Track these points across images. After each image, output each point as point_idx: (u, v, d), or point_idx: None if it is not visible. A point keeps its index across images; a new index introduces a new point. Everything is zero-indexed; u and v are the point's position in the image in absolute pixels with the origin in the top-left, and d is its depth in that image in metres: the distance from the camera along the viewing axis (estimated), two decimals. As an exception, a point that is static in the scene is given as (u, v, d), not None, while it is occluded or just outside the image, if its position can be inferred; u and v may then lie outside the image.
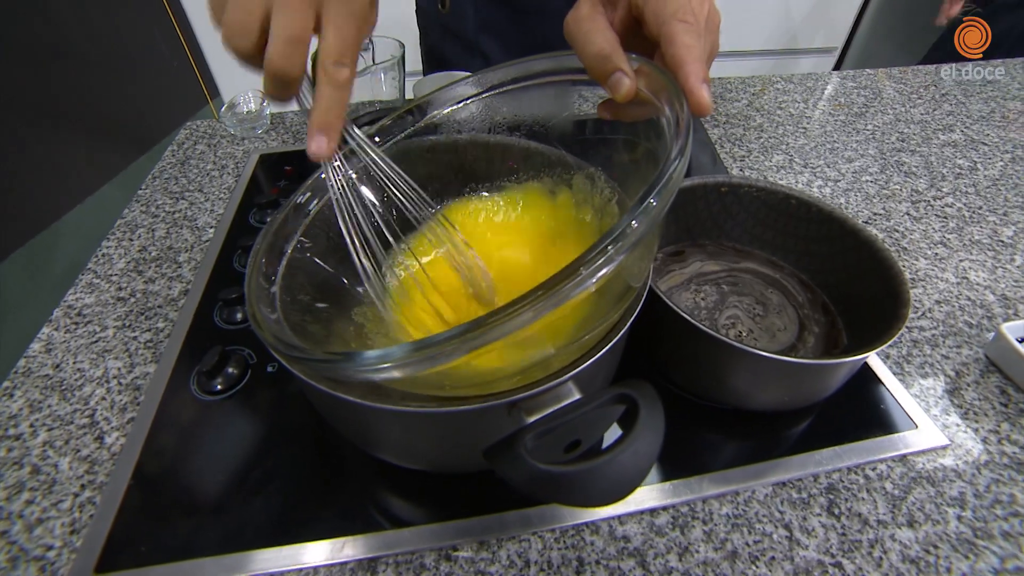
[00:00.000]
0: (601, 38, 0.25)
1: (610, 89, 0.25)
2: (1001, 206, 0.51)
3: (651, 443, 0.19)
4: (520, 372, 0.22)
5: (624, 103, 0.25)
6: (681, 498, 0.28)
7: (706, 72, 0.23)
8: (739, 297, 0.37)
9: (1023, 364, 0.33)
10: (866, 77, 0.75)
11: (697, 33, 0.22)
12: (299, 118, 0.64)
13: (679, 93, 0.22)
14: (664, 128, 0.23)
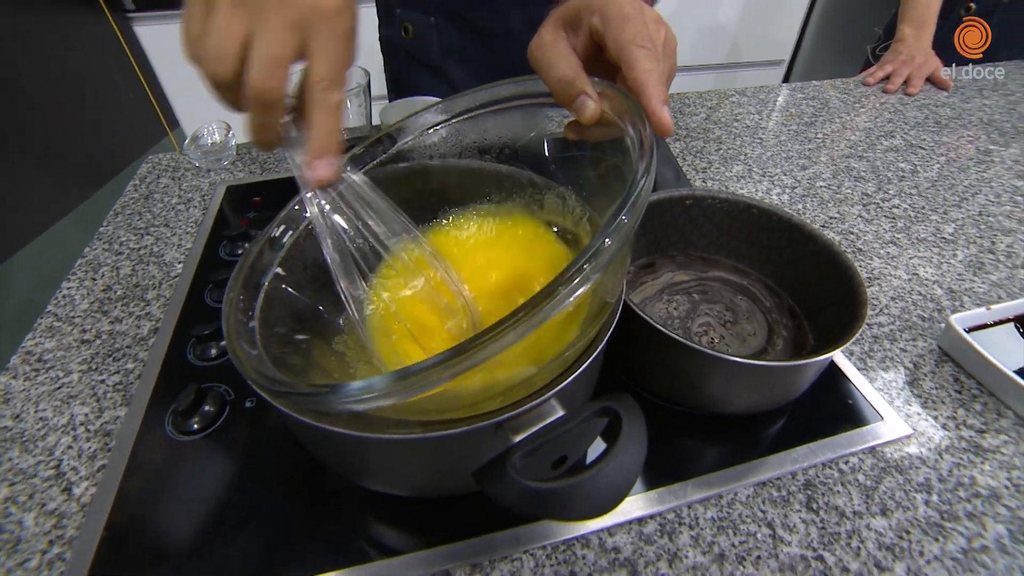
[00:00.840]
0: (564, 64, 0.26)
1: (575, 112, 0.26)
2: (941, 205, 0.54)
3: (635, 455, 0.19)
4: (504, 393, 0.23)
5: (589, 125, 0.26)
6: (667, 505, 0.29)
7: (666, 94, 0.24)
8: (709, 305, 0.39)
9: (972, 353, 0.35)
10: (813, 88, 0.79)
11: (656, 57, 0.24)
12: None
13: (642, 115, 0.23)
14: (629, 147, 0.24)
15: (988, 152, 0.64)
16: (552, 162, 0.34)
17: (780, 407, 0.33)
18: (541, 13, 0.30)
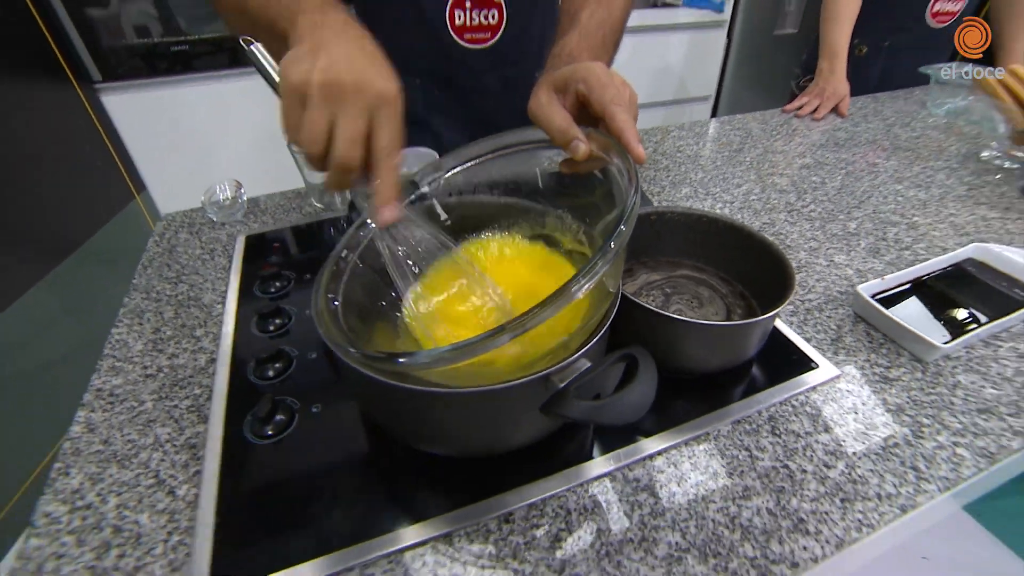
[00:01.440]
0: (559, 117, 0.36)
1: (571, 152, 0.36)
2: (845, 207, 0.67)
3: (651, 381, 0.28)
4: (548, 356, 0.31)
5: (581, 161, 0.36)
6: (669, 443, 0.37)
7: (638, 134, 0.34)
8: (679, 296, 0.48)
9: (874, 312, 0.46)
10: (738, 120, 0.94)
11: (628, 111, 0.34)
12: (272, 202, 0.71)
13: (624, 152, 0.33)
14: (615, 174, 0.33)
15: (875, 165, 0.79)
16: (548, 191, 0.44)
17: (743, 363, 0.43)
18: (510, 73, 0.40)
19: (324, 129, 0.30)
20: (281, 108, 0.31)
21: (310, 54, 0.30)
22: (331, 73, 0.29)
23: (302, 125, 0.30)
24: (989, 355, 0.45)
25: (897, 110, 1.03)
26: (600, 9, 0.45)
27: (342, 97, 0.30)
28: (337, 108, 0.30)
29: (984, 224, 0.65)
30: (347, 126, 0.30)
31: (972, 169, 0.78)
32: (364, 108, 0.30)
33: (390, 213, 0.31)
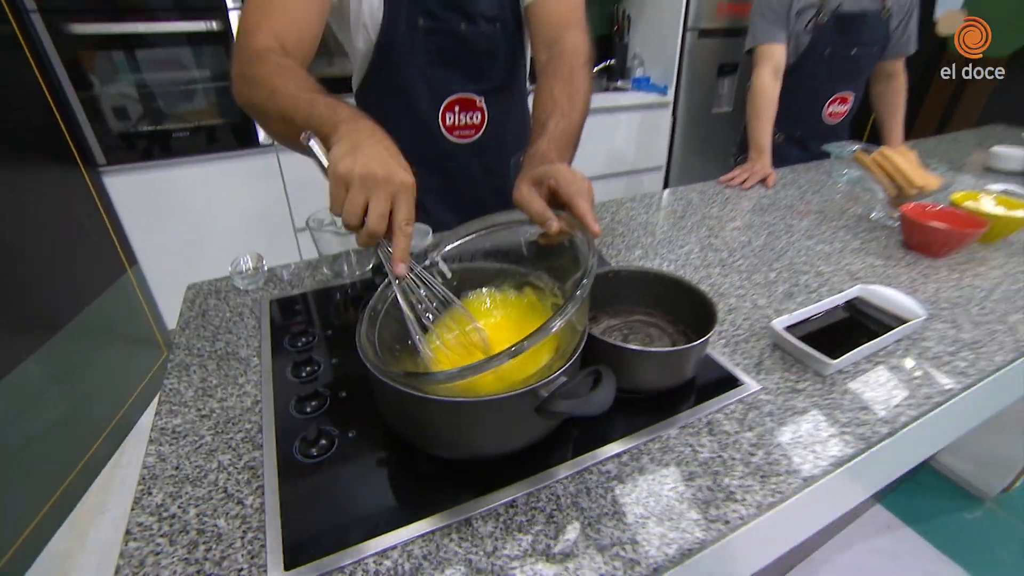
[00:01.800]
0: (538, 204, 0.49)
1: (546, 228, 0.49)
2: (767, 261, 0.83)
3: (612, 386, 0.40)
4: (536, 374, 0.42)
5: (553, 235, 0.49)
6: (631, 445, 0.48)
7: (594, 215, 0.48)
8: (634, 335, 0.61)
9: (785, 340, 0.60)
10: (681, 191, 1.12)
11: (588, 200, 0.48)
12: (288, 271, 0.82)
13: (585, 229, 0.46)
14: (579, 244, 0.47)
15: (791, 225, 0.97)
16: (529, 258, 0.57)
17: (685, 383, 0.55)
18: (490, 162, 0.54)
19: (361, 207, 0.42)
20: (330, 190, 0.43)
21: (351, 152, 0.43)
22: (367, 168, 0.42)
23: (345, 204, 0.42)
24: (869, 368, 0.59)
25: (810, 179, 1.23)
26: (563, 119, 0.61)
27: (375, 185, 0.42)
28: (371, 193, 0.42)
29: (871, 270, 0.81)
30: (377, 206, 0.42)
31: (865, 227, 0.97)
32: (390, 193, 0.43)
33: (400, 268, 0.43)
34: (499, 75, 0.79)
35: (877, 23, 1.29)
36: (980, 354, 0.62)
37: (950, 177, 1.25)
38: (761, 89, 1.28)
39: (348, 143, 0.43)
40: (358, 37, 0.75)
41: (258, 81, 0.56)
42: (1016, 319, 0.69)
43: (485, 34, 0.74)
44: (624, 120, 2.33)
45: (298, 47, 0.63)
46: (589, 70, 0.68)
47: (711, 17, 2.44)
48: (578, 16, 0.71)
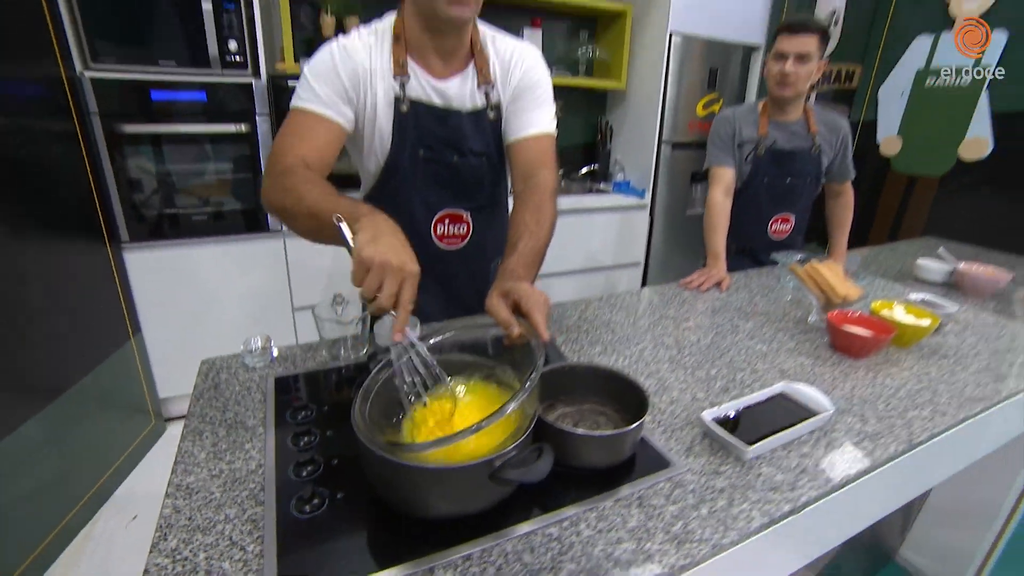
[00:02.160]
0: (504, 312, 0.63)
1: (509, 332, 0.63)
2: (711, 358, 0.96)
3: (550, 459, 0.51)
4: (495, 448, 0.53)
5: (515, 338, 0.62)
6: (572, 513, 0.58)
7: (546, 326, 0.61)
8: (584, 422, 0.72)
9: (712, 429, 0.71)
10: (644, 292, 1.27)
11: (542, 313, 0.62)
12: (292, 352, 0.94)
13: (538, 336, 0.60)
14: (532, 347, 0.60)
15: (737, 326, 1.11)
16: (495, 354, 0.70)
17: (624, 462, 0.65)
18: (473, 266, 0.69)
19: (376, 286, 0.56)
20: (354, 270, 0.57)
21: (372, 241, 0.57)
22: (385, 256, 0.56)
23: (365, 282, 0.56)
24: (784, 455, 0.70)
25: (761, 284, 1.40)
26: (532, 240, 0.77)
27: (390, 271, 0.56)
28: (385, 276, 0.56)
29: (800, 368, 0.94)
30: (389, 287, 0.56)
31: (801, 329, 1.11)
32: (400, 278, 0.57)
33: (399, 335, 0.57)
34: (484, 196, 0.97)
35: (808, 158, 1.53)
36: (878, 444, 0.74)
37: (881, 285, 1.42)
38: (713, 205, 1.48)
39: (370, 233, 0.58)
40: (369, 160, 0.93)
41: (289, 189, 0.72)
42: (913, 415, 0.81)
43: (473, 165, 0.93)
44: (606, 220, 2.57)
45: (319, 167, 0.80)
46: (555, 200, 0.86)
47: (683, 132, 2.76)
48: (549, 157, 0.90)
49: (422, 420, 0.62)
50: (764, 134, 1.51)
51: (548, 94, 0.92)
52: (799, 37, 1.38)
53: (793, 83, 1.42)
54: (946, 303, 1.27)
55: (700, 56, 2.66)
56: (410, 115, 0.87)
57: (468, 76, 0.90)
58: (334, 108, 0.82)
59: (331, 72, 0.82)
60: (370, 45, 0.86)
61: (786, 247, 1.62)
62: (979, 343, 1.10)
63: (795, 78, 1.41)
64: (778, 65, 1.43)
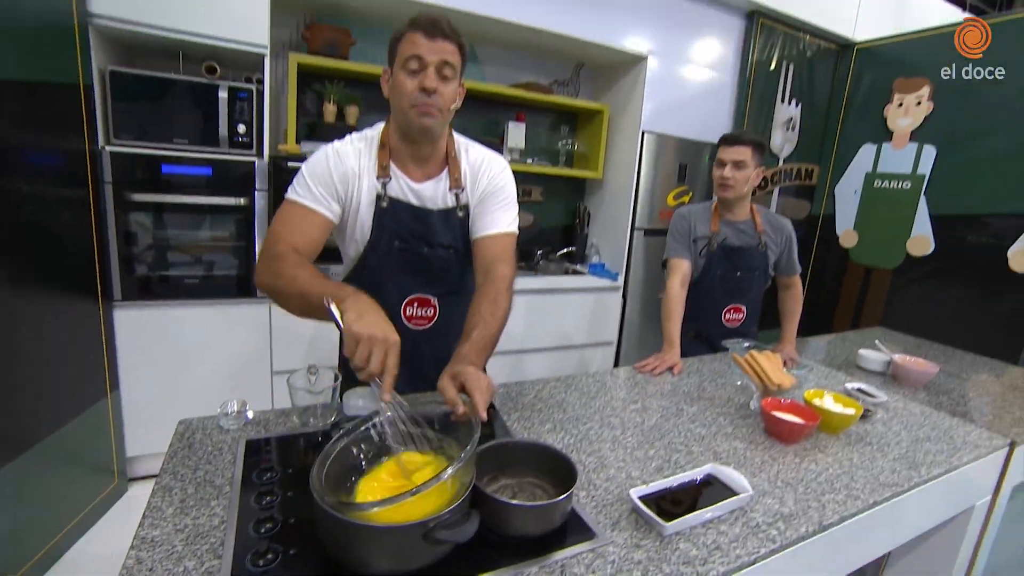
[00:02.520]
0: (452, 392, 0.73)
1: (455, 410, 0.73)
2: (651, 439, 1.05)
3: (476, 522, 0.59)
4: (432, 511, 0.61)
5: (459, 416, 0.72)
6: (501, 576, 0.65)
7: (484, 406, 0.71)
8: (522, 493, 0.80)
9: (636, 504, 0.79)
10: (599, 375, 1.37)
11: (483, 394, 0.72)
12: (265, 416, 1.01)
13: (477, 414, 0.70)
14: (473, 424, 0.69)
15: (681, 409, 1.21)
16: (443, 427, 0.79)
17: (554, 532, 0.72)
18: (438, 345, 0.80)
19: (366, 356, 0.66)
20: (345, 343, 0.68)
21: (359, 319, 0.68)
22: (371, 330, 0.68)
23: (356, 353, 0.66)
24: (702, 532, 0.78)
25: (712, 369, 1.51)
26: (485, 329, 0.88)
27: (376, 343, 0.67)
28: (373, 347, 0.67)
29: (733, 451, 1.03)
30: (377, 355, 0.67)
31: (742, 414, 1.21)
32: (385, 347, 0.67)
33: (387, 396, 0.67)
34: (450, 283, 1.09)
35: (755, 254, 1.70)
36: (791, 525, 0.82)
37: (824, 373, 1.54)
38: (670, 293, 1.62)
39: (356, 311, 0.69)
40: (350, 247, 1.06)
41: (281, 272, 0.84)
42: (828, 498, 0.90)
43: (441, 256, 1.06)
44: (581, 300, 2.70)
45: (308, 253, 0.93)
46: (510, 292, 0.98)
47: (656, 220, 2.98)
48: (508, 253, 1.03)
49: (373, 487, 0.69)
50: (716, 231, 1.69)
51: (511, 199, 1.07)
52: (735, 147, 1.61)
53: (732, 186, 1.63)
54: (879, 392, 1.38)
55: (671, 152, 2.94)
56: (389, 211, 1.01)
57: (441, 180, 1.05)
58: (324, 204, 0.96)
59: (325, 173, 0.97)
60: (360, 150, 1.01)
61: (740, 334, 1.75)
62: (902, 431, 1.20)
63: (734, 182, 1.63)
64: (719, 171, 1.65)
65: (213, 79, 1.89)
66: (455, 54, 0.96)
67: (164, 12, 1.74)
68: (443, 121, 0.99)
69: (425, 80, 0.93)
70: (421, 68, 0.93)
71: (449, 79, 0.96)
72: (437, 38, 0.93)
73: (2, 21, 1.37)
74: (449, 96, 0.97)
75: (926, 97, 2.97)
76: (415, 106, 0.95)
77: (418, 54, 0.93)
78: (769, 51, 3.19)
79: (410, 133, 1.00)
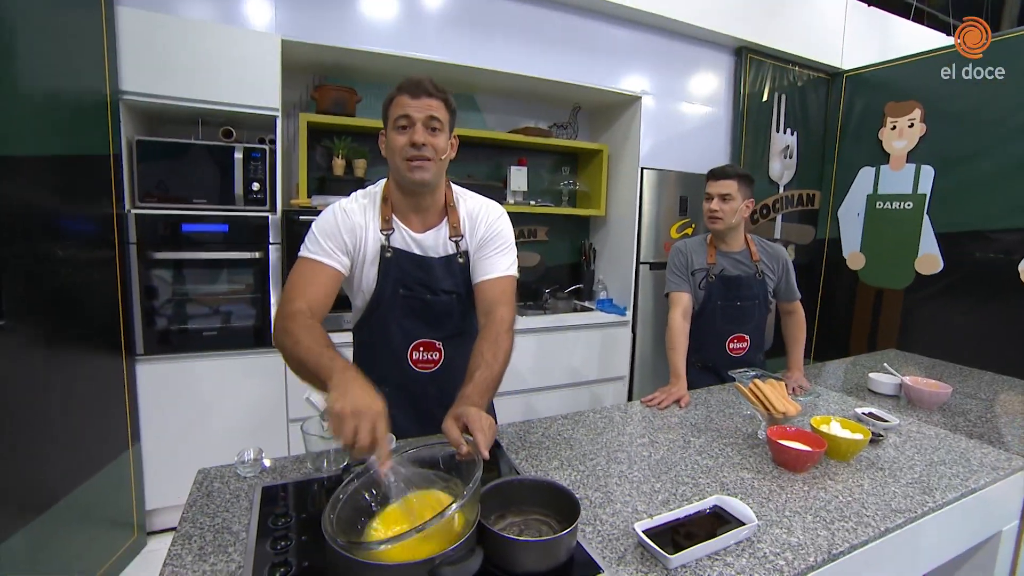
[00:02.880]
0: (455, 433, 0.77)
1: (459, 451, 0.76)
2: (657, 473, 1.05)
3: (479, 559, 0.61)
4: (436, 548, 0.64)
5: (463, 455, 0.75)
6: (508, 614, 0.66)
7: (486, 445, 0.75)
8: (528, 531, 0.81)
9: (641, 538, 0.80)
10: (606, 411, 1.39)
11: (483, 433, 0.76)
12: (280, 463, 1.04)
13: (479, 453, 0.73)
14: (476, 463, 0.72)
15: (688, 441, 1.21)
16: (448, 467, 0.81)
17: (559, 567, 0.74)
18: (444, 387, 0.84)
19: (352, 432, 0.69)
20: (331, 422, 0.71)
21: (341, 397, 0.71)
22: (354, 405, 0.70)
23: (341, 432, 0.69)
24: (709, 564, 0.78)
25: (720, 400, 1.51)
26: (487, 370, 0.92)
27: (360, 417, 0.70)
28: (358, 422, 0.70)
29: (741, 482, 1.03)
30: (363, 431, 0.69)
31: (749, 444, 1.21)
32: (371, 421, 0.70)
33: (384, 467, 0.69)
34: (454, 327, 1.14)
35: (753, 282, 1.73)
36: (798, 555, 0.82)
37: (834, 398, 1.53)
38: (672, 327, 1.65)
39: (339, 390, 0.73)
40: (358, 297, 1.12)
41: (289, 332, 0.89)
42: (838, 526, 0.89)
43: (444, 302, 1.11)
44: (590, 336, 2.72)
45: (320, 310, 0.99)
46: (511, 332, 1.02)
47: (659, 253, 3.02)
48: (508, 296, 1.08)
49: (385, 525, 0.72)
50: (713, 262, 1.72)
51: (508, 244, 1.13)
52: (720, 181, 1.68)
53: (721, 218, 1.69)
54: (890, 416, 1.37)
55: (672, 185, 3.01)
56: (393, 260, 1.08)
57: (441, 229, 1.12)
58: (334, 257, 1.03)
59: (333, 228, 1.04)
60: (364, 205, 1.09)
61: (746, 363, 1.75)
62: (916, 455, 1.19)
63: (722, 214, 1.68)
64: (707, 204, 1.71)
65: (229, 142, 2.01)
66: (441, 109, 1.03)
67: (187, 84, 1.89)
68: (436, 171, 1.06)
69: (414, 135, 1.00)
70: (410, 124, 1.01)
71: (438, 131, 1.03)
72: (422, 96, 1.01)
73: (46, 104, 1.51)
74: (440, 147, 1.04)
75: (918, 119, 3.02)
76: (407, 160, 1.02)
77: (406, 113, 1.01)
78: (760, 83, 3.30)
79: (407, 186, 1.07)
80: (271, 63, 2.00)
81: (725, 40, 3.16)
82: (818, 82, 3.51)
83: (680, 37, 3.10)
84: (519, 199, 2.80)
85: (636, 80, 3.00)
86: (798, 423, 1.26)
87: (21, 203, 1.43)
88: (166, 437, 1.96)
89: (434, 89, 1.03)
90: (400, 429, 1.02)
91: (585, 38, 2.85)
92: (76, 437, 1.66)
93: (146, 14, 1.83)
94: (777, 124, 3.41)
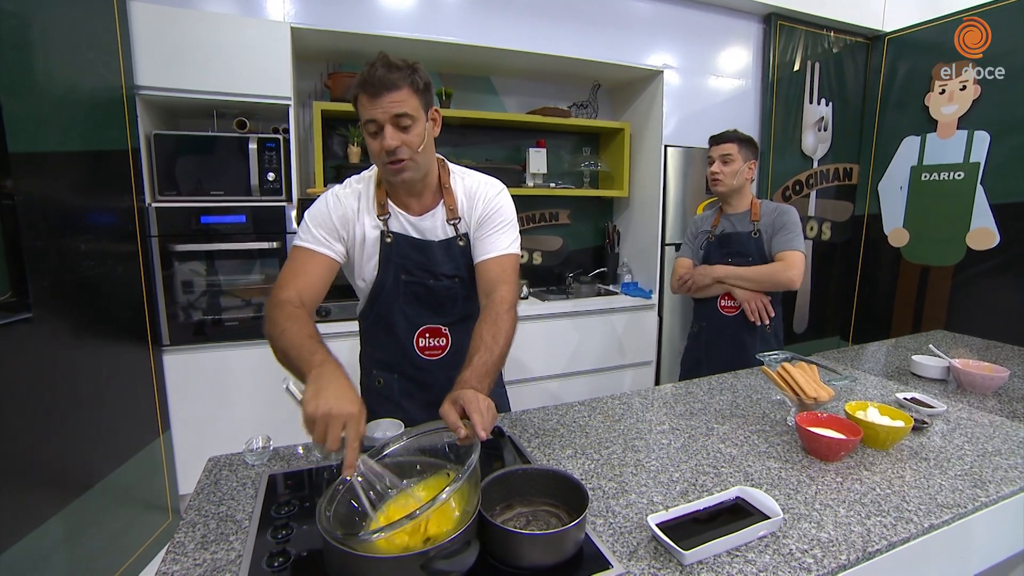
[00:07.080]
0: (453, 417, 0.73)
1: (456, 433, 0.72)
2: (676, 462, 1.00)
3: (474, 553, 0.58)
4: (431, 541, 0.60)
5: (463, 440, 0.71)
6: (508, 611, 0.63)
7: (482, 425, 0.71)
8: (536, 522, 0.78)
9: (655, 532, 0.75)
10: (626, 396, 1.33)
11: (481, 414, 0.72)
12: (288, 451, 1.03)
13: (476, 435, 0.69)
14: (473, 447, 0.69)
15: (711, 428, 1.15)
16: (449, 452, 0.78)
17: (566, 562, 0.70)
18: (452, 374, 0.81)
19: (324, 432, 0.67)
20: (304, 421, 0.69)
21: (315, 396, 0.70)
22: (327, 407, 0.68)
23: (314, 431, 0.67)
24: (727, 560, 0.73)
25: (747, 385, 1.44)
26: (486, 353, 0.88)
27: (331, 419, 0.68)
28: (329, 423, 0.68)
29: (767, 472, 0.97)
30: (333, 432, 0.67)
31: (777, 431, 1.14)
32: (341, 422, 0.68)
33: (349, 470, 0.67)
34: (458, 311, 1.10)
35: (748, 239, 1.77)
36: (828, 552, 0.75)
37: (874, 382, 1.43)
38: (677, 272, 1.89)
39: (314, 387, 0.71)
40: (360, 284, 1.10)
41: (276, 321, 0.88)
42: (874, 522, 0.82)
43: (446, 286, 1.08)
44: (616, 320, 2.65)
45: (311, 298, 0.98)
46: (513, 311, 0.98)
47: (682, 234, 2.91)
48: (509, 275, 1.04)
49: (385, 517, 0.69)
50: (715, 225, 1.85)
51: (508, 221, 1.08)
52: (721, 145, 1.79)
53: (721, 180, 1.78)
54: (937, 402, 1.27)
55: (698, 163, 2.88)
56: (393, 245, 1.04)
57: (438, 212, 1.08)
58: (326, 245, 1.01)
59: (325, 216, 1.02)
60: (359, 191, 1.06)
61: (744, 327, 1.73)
62: (966, 444, 1.10)
63: (722, 175, 1.78)
64: (709, 167, 1.82)
65: (244, 132, 2.02)
66: (408, 97, 0.94)
67: (200, 77, 1.89)
68: (418, 164, 1.00)
69: (384, 141, 0.94)
70: (378, 129, 0.95)
71: (409, 127, 0.96)
72: (382, 93, 0.92)
73: (65, 102, 1.53)
74: (415, 141, 0.97)
75: (971, 81, 2.79)
76: (386, 164, 0.98)
77: (370, 117, 0.94)
78: (791, 52, 3.11)
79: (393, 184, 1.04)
80: (282, 52, 1.98)
81: (753, 7, 2.98)
82: (856, 47, 3.28)
83: (704, 6, 2.94)
84: (539, 182, 2.73)
85: (659, 55, 2.86)
86: (832, 409, 1.18)
87: (44, 198, 1.46)
88: (194, 425, 2.01)
89: (394, 76, 0.92)
90: (410, 418, 1.00)
91: (605, 12, 2.73)
92: (108, 424, 1.71)
93: (157, 8, 1.83)
94: (810, 95, 3.22)
